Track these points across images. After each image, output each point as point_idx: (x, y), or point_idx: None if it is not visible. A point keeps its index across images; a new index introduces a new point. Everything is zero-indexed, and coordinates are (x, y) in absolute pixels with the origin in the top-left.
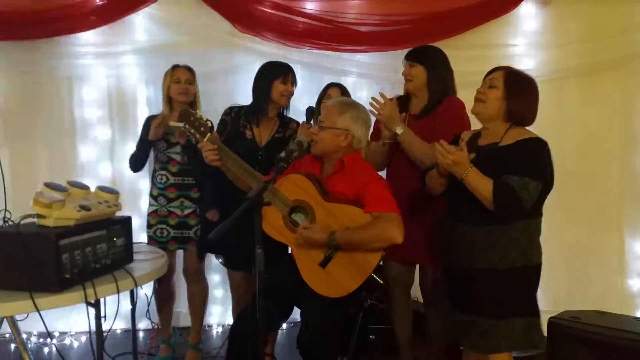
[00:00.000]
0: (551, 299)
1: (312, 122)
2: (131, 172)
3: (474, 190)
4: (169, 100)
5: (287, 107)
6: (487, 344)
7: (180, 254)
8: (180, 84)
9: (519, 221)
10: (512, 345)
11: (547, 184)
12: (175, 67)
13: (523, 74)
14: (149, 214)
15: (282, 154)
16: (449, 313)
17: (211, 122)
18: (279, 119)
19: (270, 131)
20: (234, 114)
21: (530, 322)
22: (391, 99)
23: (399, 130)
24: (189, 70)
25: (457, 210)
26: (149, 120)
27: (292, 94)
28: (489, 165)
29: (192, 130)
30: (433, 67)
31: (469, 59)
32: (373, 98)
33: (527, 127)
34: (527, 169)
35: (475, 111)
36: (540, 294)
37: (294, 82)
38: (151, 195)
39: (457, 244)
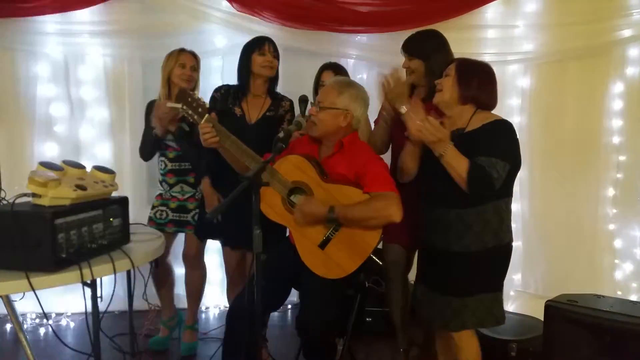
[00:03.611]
0: (547, 283)
1: (306, 112)
2: (128, 153)
3: (450, 168)
4: (167, 82)
5: (274, 81)
6: (458, 321)
7: (179, 238)
8: (185, 70)
9: (489, 202)
10: (479, 321)
11: (514, 164)
12: (181, 51)
13: (474, 61)
14: (155, 197)
15: (281, 135)
16: (417, 296)
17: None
18: (271, 97)
19: (260, 109)
20: (223, 91)
21: (494, 297)
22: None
23: (402, 110)
24: (195, 56)
25: (430, 195)
26: (151, 107)
27: (273, 64)
28: (460, 150)
29: (190, 112)
30: (430, 57)
31: (469, 41)
32: (385, 75)
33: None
34: (494, 150)
35: (435, 101)
36: (534, 278)
37: (274, 53)
38: (158, 179)
39: (433, 227)
